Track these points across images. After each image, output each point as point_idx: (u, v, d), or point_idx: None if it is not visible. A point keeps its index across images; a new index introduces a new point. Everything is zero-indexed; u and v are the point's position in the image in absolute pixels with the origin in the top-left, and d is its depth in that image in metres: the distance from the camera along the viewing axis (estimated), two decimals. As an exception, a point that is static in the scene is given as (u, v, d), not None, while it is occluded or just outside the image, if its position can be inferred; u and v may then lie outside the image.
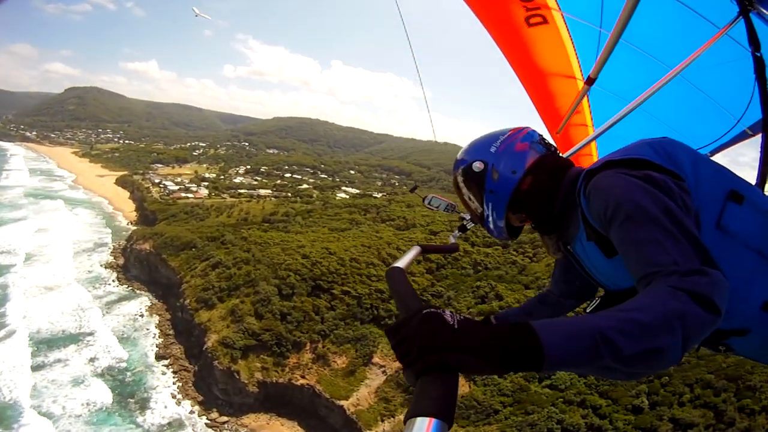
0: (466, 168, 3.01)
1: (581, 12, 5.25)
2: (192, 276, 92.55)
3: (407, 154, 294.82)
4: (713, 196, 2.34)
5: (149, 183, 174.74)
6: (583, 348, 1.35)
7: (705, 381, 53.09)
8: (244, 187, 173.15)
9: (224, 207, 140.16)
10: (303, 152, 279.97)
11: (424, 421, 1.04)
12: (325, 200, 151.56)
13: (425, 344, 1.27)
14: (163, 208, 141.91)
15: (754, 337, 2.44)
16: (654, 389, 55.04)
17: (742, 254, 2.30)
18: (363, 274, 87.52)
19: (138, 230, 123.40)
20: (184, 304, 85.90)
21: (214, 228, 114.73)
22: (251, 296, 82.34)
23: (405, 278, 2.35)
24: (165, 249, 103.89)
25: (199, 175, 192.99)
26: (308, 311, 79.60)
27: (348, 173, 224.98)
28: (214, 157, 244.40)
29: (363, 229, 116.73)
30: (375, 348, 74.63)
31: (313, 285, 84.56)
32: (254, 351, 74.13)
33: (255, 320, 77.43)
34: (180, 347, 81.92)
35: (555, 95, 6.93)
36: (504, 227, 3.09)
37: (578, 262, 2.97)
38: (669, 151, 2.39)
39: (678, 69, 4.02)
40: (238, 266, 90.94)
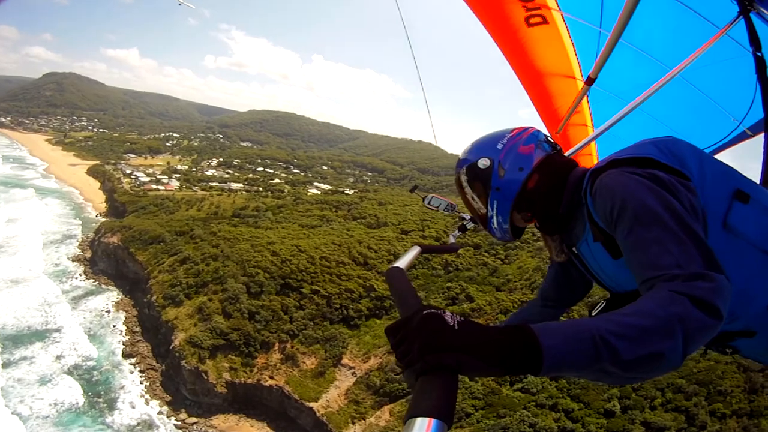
0: (472, 166, 2.91)
1: (581, 12, 5.19)
2: (159, 271, 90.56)
3: (381, 151, 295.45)
4: (719, 195, 2.29)
5: (120, 174, 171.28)
6: (582, 351, 1.35)
7: (676, 385, 53.44)
8: (215, 180, 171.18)
9: (194, 200, 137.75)
10: (277, 146, 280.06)
11: (424, 421, 1.03)
12: (297, 196, 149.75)
13: (425, 344, 1.27)
14: (133, 200, 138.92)
15: (761, 339, 2.40)
16: (625, 393, 54.87)
17: (749, 254, 2.25)
18: (333, 273, 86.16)
19: (106, 222, 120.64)
20: (151, 301, 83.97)
21: (183, 222, 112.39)
22: (219, 294, 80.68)
23: (405, 278, 2.31)
24: (133, 243, 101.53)
25: (172, 166, 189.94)
26: (277, 310, 78.28)
27: (321, 169, 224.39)
28: (188, 148, 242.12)
29: (334, 226, 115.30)
30: (344, 349, 73.86)
31: (282, 283, 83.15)
32: (222, 351, 72.74)
33: (223, 319, 75.88)
34: (147, 345, 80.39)
35: (555, 95, 6.84)
36: (508, 227, 2.99)
37: (583, 264, 2.89)
38: (674, 149, 2.35)
39: (678, 69, 3.96)
40: (206, 262, 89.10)
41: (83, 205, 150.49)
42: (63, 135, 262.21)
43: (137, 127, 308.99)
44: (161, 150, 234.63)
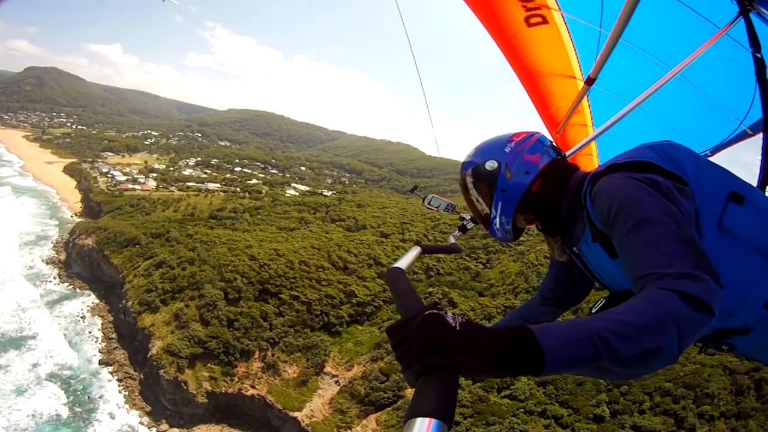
0: (478, 167, 2.96)
1: (581, 12, 5.03)
2: (135, 275, 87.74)
3: (360, 153, 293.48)
4: (714, 197, 2.35)
5: (97, 172, 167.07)
6: (581, 351, 1.37)
7: (664, 389, 53.56)
8: (192, 180, 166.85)
9: (171, 201, 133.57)
10: (255, 146, 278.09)
11: (424, 421, 1.03)
12: (275, 197, 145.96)
13: (425, 345, 1.26)
14: (109, 199, 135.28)
15: (756, 337, 2.45)
16: (614, 398, 54.90)
17: (744, 254, 2.30)
18: (312, 278, 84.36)
19: (81, 224, 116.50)
20: (127, 306, 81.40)
21: (159, 223, 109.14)
22: (196, 300, 78.33)
23: (405, 279, 2.29)
24: (108, 245, 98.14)
25: (149, 165, 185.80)
26: (256, 317, 76.22)
27: (299, 169, 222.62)
28: (166, 147, 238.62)
29: (312, 228, 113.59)
30: (327, 357, 72.67)
31: (261, 289, 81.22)
32: (201, 359, 70.70)
33: (201, 326, 73.66)
34: (124, 352, 78.06)
35: (555, 95, 6.60)
36: (510, 227, 3.05)
37: (584, 264, 2.96)
38: (671, 153, 2.38)
39: (678, 69, 3.91)
40: (182, 266, 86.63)
41: (59, 204, 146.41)
42: (41, 131, 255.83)
43: (116, 124, 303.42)
44: (139, 148, 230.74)
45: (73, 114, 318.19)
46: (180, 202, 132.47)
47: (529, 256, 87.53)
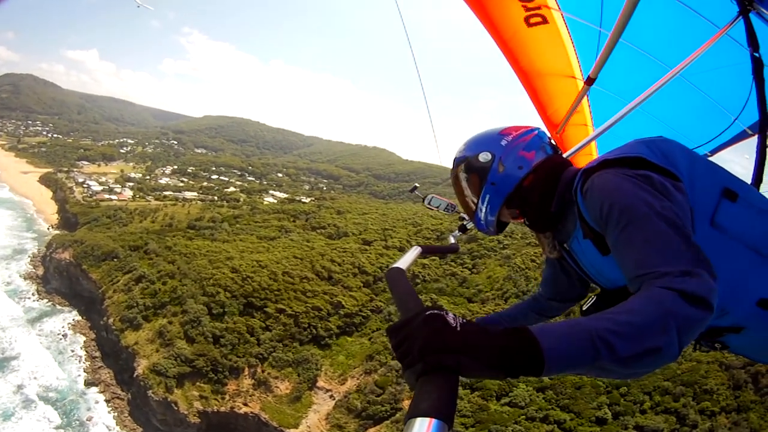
0: (472, 158, 2.91)
1: (581, 12, 5.03)
2: (114, 291, 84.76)
3: (336, 158, 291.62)
4: (708, 193, 2.33)
5: (73, 182, 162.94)
6: (581, 351, 1.36)
7: (663, 388, 53.80)
8: (169, 189, 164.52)
9: (148, 211, 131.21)
10: (232, 153, 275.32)
11: (424, 421, 1.02)
12: (253, 205, 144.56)
13: (425, 345, 1.25)
14: (86, 210, 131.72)
15: (749, 335, 2.45)
16: (614, 399, 54.76)
17: (737, 251, 2.29)
18: (297, 290, 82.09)
19: (57, 237, 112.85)
20: (108, 324, 78.42)
21: (137, 235, 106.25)
22: (179, 316, 75.58)
23: (405, 279, 2.29)
24: (85, 259, 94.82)
25: (125, 174, 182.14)
26: (242, 333, 73.78)
27: (276, 176, 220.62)
28: (142, 155, 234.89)
29: (293, 237, 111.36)
30: (318, 371, 70.61)
31: (245, 302, 78.68)
32: (189, 378, 68.05)
33: (186, 344, 71.04)
34: (109, 372, 75.18)
35: (555, 95, 6.64)
36: (494, 221, 2.99)
37: (575, 261, 2.92)
38: (664, 149, 2.36)
39: (678, 69, 3.87)
40: (162, 280, 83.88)
41: (35, 216, 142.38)
42: (17, 140, 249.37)
43: (92, 132, 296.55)
44: (115, 157, 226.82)
45: (49, 122, 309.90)
46: (157, 213, 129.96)
47: (516, 260, 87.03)
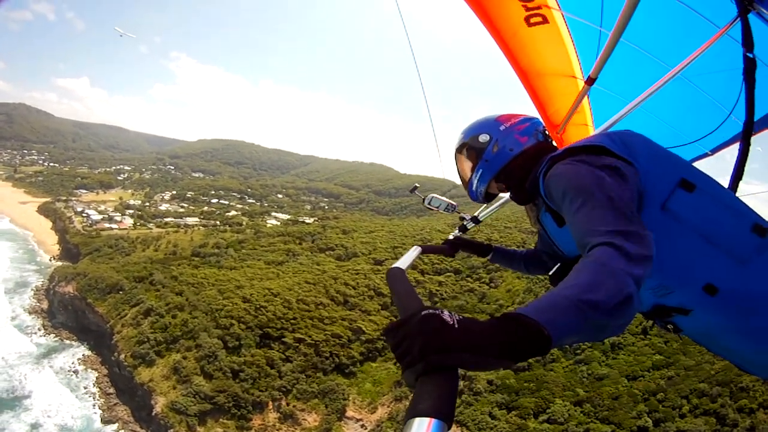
0: (474, 137, 3.29)
1: (581, 11, 4.86)
2: (123, 325, 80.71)
3: (334, 176, 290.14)
4: (663, 181, 2.47)
5: (72, 212, 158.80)
6: (572, 317, 1.40)
7: (699, 390, 53.38)
8: (170, 215, 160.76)
9: (150, 239, 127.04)
10: (229, 175, 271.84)
11: (424, 421, 1.02)
12: (256, 228, 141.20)
13: (426, 344, 1.24)
14: (87, 241, 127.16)
15: (697, 317, 2.57)
16: (653, 407, 54.13)
17: (686, 236, 2.44)
18: (314, 317, 78.89)
19: (59, 269, 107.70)
20: (120, 360, 74.44)
21: (141, 266, 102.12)
22: (193, 351, 71.78)
23: (405, 279, 2.29)
24: (90, 292, 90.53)
25: (124, 202, 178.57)
26: (262, 365, 70.07)
27: (276, 197, 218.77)
28: (140, 182, 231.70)
29: (302, 260, 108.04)
30: (346, 401, 67.74)
31: (261, 334, 75.10)
32: (211, 415, 64.32)
33: (204, 380, 67.28)
34: (126, 408, 70.62)
35: (555, 95, 6.23)
36: (483, 191, 3.38)
37: (545, 231, 3.14)
38: (625, 140, 2.56)
39: (678, 69, 3.90)
40: (172, 313, 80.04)
41: (35, 247, 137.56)
42: (13, 170, 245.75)
43: (87, 160, 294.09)
44: (113, 184, 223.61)
45: (44, 151, 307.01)
46: (160, 240, 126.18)
47: None
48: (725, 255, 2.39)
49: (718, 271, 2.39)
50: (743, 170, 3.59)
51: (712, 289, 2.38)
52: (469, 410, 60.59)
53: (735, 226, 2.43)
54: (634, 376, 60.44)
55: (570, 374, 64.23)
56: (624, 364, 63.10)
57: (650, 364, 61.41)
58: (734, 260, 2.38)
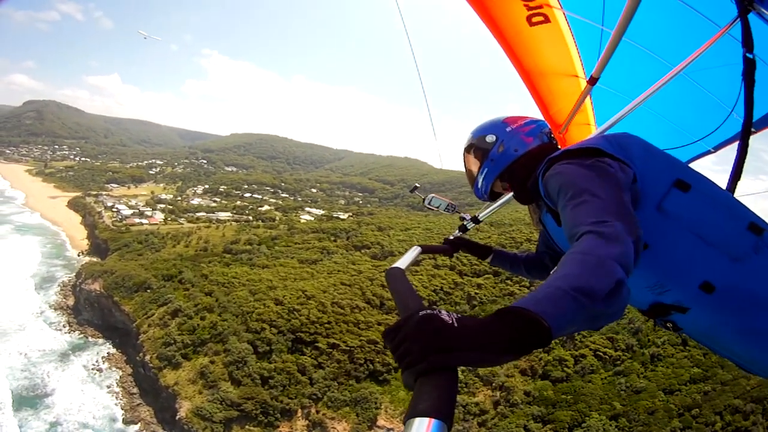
0: (481, 137, 3.40)
1: (583, 10, 4.90)
2: (149, 325, 78.84)
3: (368, 170, 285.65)
4: (658, 182, 2.52)
5: (102, 206, 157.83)
6: (568, 306, 1.40)
7: (733, 406, 53.09)
8: (202, 210, 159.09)
9: (181, 235, 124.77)
10: (262, 170, 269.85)
11: (424, 421, 1.03)
12: (290, 224, 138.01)
13: (426, 345, 1.23)
14: (116, 236, 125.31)
15: (694, 316, 2.58)
16: (687, 422, 53.83)
17: (681, 235, 2.47)
18: (349, 322, 75.58)
19: (86, 266, 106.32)
20: (145, 360, 72.50)
21: (170, 263, 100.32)
22: (222, 355, 69.34)
23: (405, 279, 2.32)
24: (117, 290, 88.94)
25: (156, 196, 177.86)
26: (293, 372, 67.29)
27: (310, 192, 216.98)
28: (172, 175, 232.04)
29: (336, 259, 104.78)
30: (378, 409, 65.15)
31: (293, 338, 72.22)
32: (238, 422, 62.23)
33: (232, 387, 64.89)
34: (149, 409, 68.99)
35: (557, 95, 6.20)
36: (489, 189, 3.48)
37: (547, 231, 3.26)
38: (621, 142, 2.61)
39: (680, 67, 3.94)
40: (201, 315, 77.94)
41: (64, 242, 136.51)
42: (44, 165, 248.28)
43: (119, 155, 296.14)
44: (144, 178, 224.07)
45: (76, 146, 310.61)
46: (191, 236, 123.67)
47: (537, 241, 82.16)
48: (721, 253, 2.42)
49: (714, 269, 2.42)
50: (742, 169, 3.55)
51: (708, 287, 2.42)
52: (504, 422, 60.20)
53: (730, 225, 2.46)
54: (671, 389, 59.84)
55: (608, 386, 63.27)
56: (662, 376, 62.25)
57: (688, 378, 60.72)
58: (730, 258, 2.40)
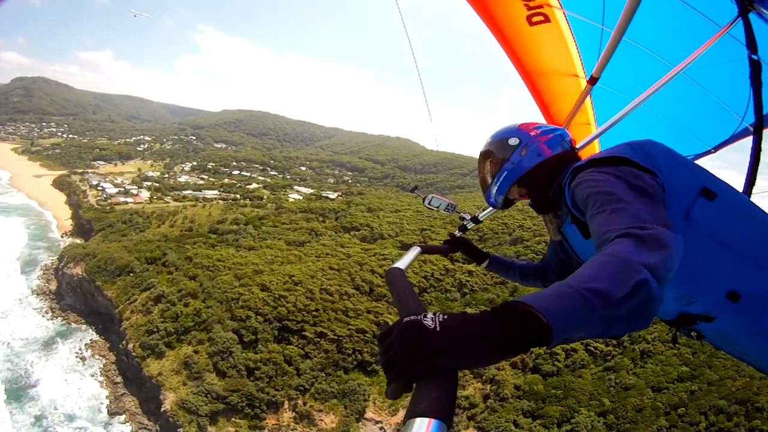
0: (503, 140, 3.31)
1: (583, 10, 4.99)
2: (132, 311, 76.36)
3: (359, 149, 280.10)
4: (685, 190, 2.49)
5: (87, 185, 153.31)
6: (575, 306, 1.32)
7: (718, 407, 53.45)
8: (189, 188, 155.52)
9: (167, 214, 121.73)
10: (252, 147, 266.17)
11: (424, 421, 1.03)
12: (278, 203, 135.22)
13: (407, 355, 1.20)
14: (100, 216, 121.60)
15: (720, 325, 2.58)
16: (673, 421, 54.03)
17: (708, 244, 2.44)
18: (338, 310, 73.27)
19: (69, 248, 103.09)
20: (128, 349, 70.11)
21: (154, 244, 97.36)
22: (206, 344, 67.06)
23: (405, 279, 2.30)
24: (99, 274, 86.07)
25: (142, 173, 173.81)
26: (279, 363, 65.18)
27: (299, 170, 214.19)
28: (159, 152, 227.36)
29: (324, 241, 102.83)
30: (367, 401, 63.85)
31: (280, 327, 69.90)
32: (223, 415, 60.38)
33: (217, 379, 62.83)
34: (133, 399, 67.28)
35: (558, 94, 6.58)
36: (503, 196, 3.39)
37: (568, 243, 3.19)
38: (646, 150, 2.55)
39: (680, 67, 3.90)
40: (184, 301, 75.32)
41: (48, 223, 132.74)
42: (30, 143, 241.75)
43: (108, 131, 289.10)
44: (132, 155, 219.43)
45: (64, 123, 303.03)
46: (176, 215, 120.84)
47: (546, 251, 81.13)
48: (746, 261, 2.40)
49: (739, 277, 2.41)
50: (756, 172, 3.56)
51: (734, 295, 2.40)
52: (493, 417, 59.83)
53: (755, 231, 2.45)
54: (659, 387, 59.81)
55: (598, 382, 63.11)
56: (651, 374, 62.32)
57: (676, 376, 60.71)
58: (755, 266, 2.39)
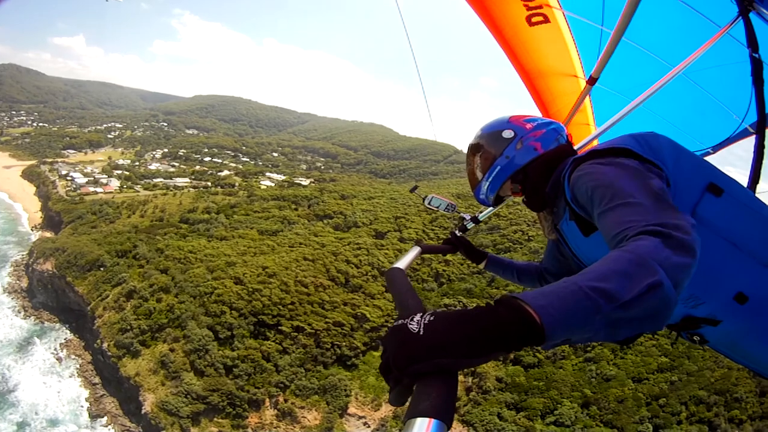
0: (496, 133, 3.16)
1: (583, 10, 4.96)
2: (105, 308, 74.45)
3: (332, 135, 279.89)
4: (692, 186, 2.40)
5: (56, 175, 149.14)
6: (577, 305, 1.22)
7: (698, 397, 55.20)
8: (159, 176, 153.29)
9: (137, 204, 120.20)
10: (224, 132, 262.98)
11: (424, 421, 1.02)
12: (249, 190, 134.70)
13: (395, 361, 1.18)
14: (69, 208, 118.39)
15: (725, 328, 2.48)
16: (654, 411, 55.34)
17: (716, 243, 2.34)
18: (314, 302, 72.55)
19: (38, 243, 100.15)
20: (103, 348, 68.42)
21: (124, 236, 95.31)
22: (182, 342, 65.69)
23: (405, 279, 2.24)
24: (69, 270, 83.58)
25: (113, 161, 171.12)
26: (257, 360, 64.08)
27: (271, 156, 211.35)
28: (130, 139, 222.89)
29: (298, 230, 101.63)
30: (349, 397, 63.55)
31: (255, 321, 68.77)
32: (205, 415, 59.77)
33: (195, 378, 61.68)
34: (113, 401, 65.82)
35: (557, 94, 6.46)
36: (495, 192, 3.24)
37: (565, 241, 3.05)
38: (651, 142, 2.44)
39: (680, 67, 3.88)
40: (156, 296, 73.85)
41: (17, 216, 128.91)
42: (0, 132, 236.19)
43: (78, 118, 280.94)
44: (102, 143, 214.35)
45: (34, 111, 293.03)
46: (146, 205, 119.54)
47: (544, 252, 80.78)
48: (754, 261, 2.30)
49: (747, 278, 2.31)
50: (760, 170, 3.53)
51: (742, 297, 2.30)
52: (477, 410, 59.47)
53: (762, 230, 2.35)
54: (639, 378, 60.65)
55: (579, 373, 63.64)
56: (631, 364, 62.90)
57: (656, 366, 61.58)
58: (763, 265, 2.30)
